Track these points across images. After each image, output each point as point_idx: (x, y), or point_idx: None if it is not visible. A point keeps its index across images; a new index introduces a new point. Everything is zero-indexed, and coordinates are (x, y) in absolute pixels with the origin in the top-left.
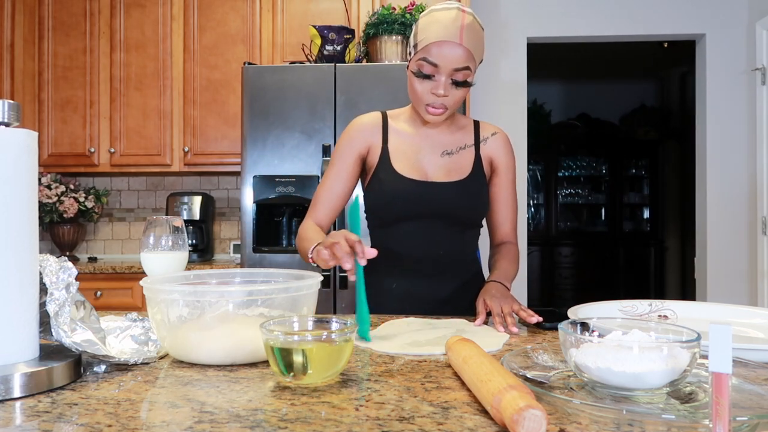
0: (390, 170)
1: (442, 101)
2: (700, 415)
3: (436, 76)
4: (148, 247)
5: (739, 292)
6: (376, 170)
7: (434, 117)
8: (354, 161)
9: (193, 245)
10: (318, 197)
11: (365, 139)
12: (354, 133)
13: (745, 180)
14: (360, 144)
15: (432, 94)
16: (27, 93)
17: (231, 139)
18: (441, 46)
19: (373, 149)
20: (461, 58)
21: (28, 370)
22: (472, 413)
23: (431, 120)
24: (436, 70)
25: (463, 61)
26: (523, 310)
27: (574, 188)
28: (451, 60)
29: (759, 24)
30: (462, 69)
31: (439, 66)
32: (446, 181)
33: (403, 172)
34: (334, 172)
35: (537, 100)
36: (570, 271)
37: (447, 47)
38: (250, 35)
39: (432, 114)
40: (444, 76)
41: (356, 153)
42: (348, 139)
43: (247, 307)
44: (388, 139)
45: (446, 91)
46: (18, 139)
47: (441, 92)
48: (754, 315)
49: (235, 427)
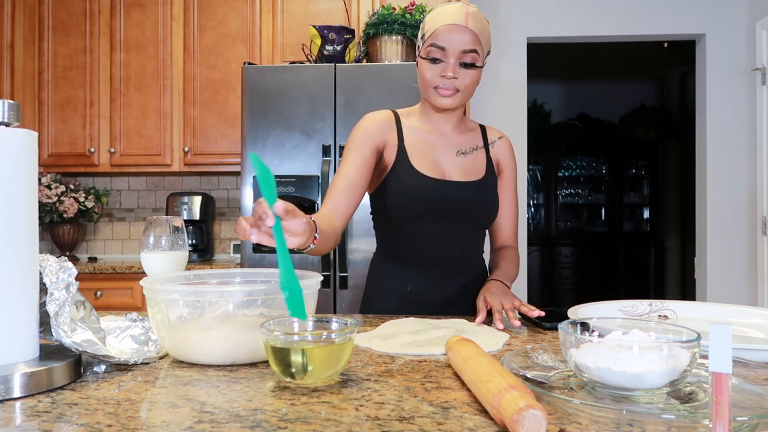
0: (409, 168)
1: (452, 83)
2: (700, 415)
3: (444, 59)
4: (148, 247)
5: (739, 292)
6: (394, 168)
7: (445, 100)
8: (372, 152)
9: (193, 245)
10: (334, 186)
11: (382, 133)
12: (371, 126)
13: (745, 180)
14: (377, 138)
15: (441, 76)
16: (27, 93)
17: (231, 139)
18: (448, 30)
19: (390, 146)
20: (468, 40)
21: (28, 370)
22: (472, 413)
23: (442, 103)
24: (444, 54)
25: (470, 43)
26: (524, 306)
27: (574, 188)
28: (457, 42)
29: (759, 24)
30: (469, 51)
31: (447, 49)
32: (465, 180)
33: (423, 170)
34: (351, 160)
35: (537, 100)
36: (570, 271)
37: (454, 30)
38: (250, 35)
39: (443, 95)
40: (452, 58)
41: (374, 145)
42: (365, 132)
43: (247, 307)
44: (403, 137)
45: (455, 73)
46: (18, 139)
47: (450, 74)
48: (754, 315)
49: (235, 427)
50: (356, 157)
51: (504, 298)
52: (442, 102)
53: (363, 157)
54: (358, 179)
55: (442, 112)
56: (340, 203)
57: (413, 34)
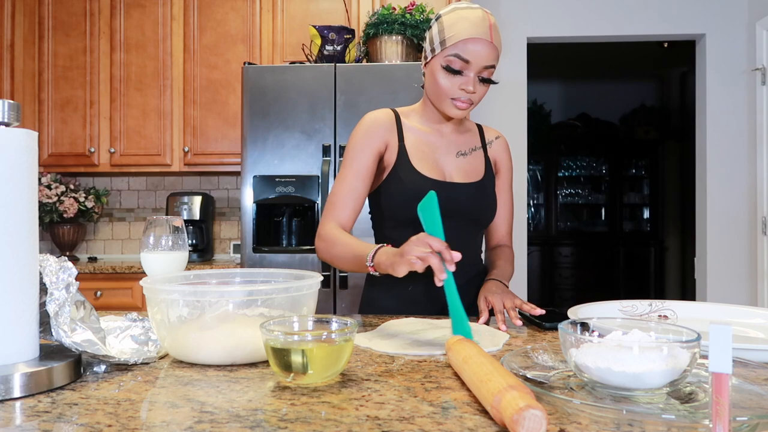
0: (410, 169)
1: (470, 96)
2: (700, 415)
3: (465, 72)
4: (148, 247)
5: (739, 292)
6: (395, 168)
7: (460, 111)
8: (373, 158)
9: (193, 245)
10: (338, 196)
11: (383, 135)
12: (371, 128)
13: (745, 180)
14: (378, 141)
15: (461, 89)
16: (27, 93)
17: (231, 139)
18: (475, 43)
19: (391, 146)
20: (491, 56)
21: (28, 370)
22: (472, 413)
23: (455, 114)
24: (467, 67)
25: (492, 59)
26: (525, 304)
27: (574, 188)
28: (482, 57)
29: (759, 24)
30: (490, 67)
31: (471, 62)
32: (465, 182)
33: (424, 171)
34: (354, 169)
35: (537, 100)
36: (570, 271)
37: (480, 44)
38: (250, 35)
39: (459, 108)
40: (473, 72)
41: (375, 150)
42: (366, 135)
43: (247, 307)
44: (404, 137)
45: (474, 88)
46: (18, 139)
47: (470, 88)
48: (754, 315)
49: (235, 427)
50: (358, 164)
51: (505, 298)
52: (456, 114)
53: (365, 164)
54: (360, 187)
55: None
56: (347, 217)
57: (413, 34)
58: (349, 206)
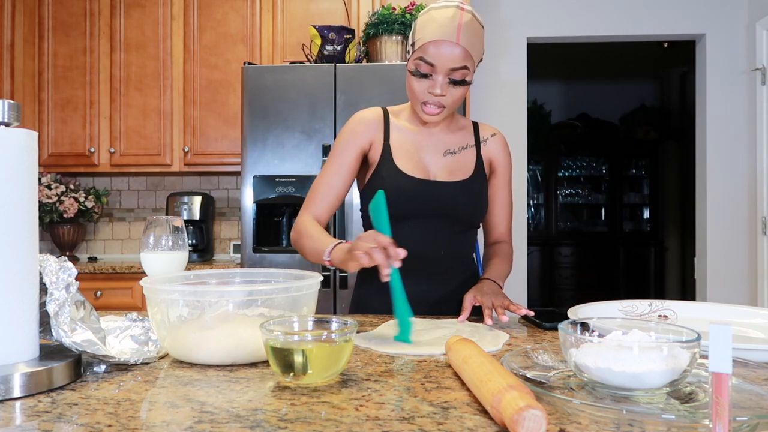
0: (392, 167)
1: (439, 100)
2: (700, 415)
3: (432, 75)
4: (148, 247)
5: (739, 292)
6: (378, 167)
7: (431, 117)
8: (356, 156)
9: (193, 245)
10: (317, 191)
11: (368, 133)
12: (357, 126)
13: (745, 180)
14: (363, 138)
15: (429, 93)
16: (27, 93)
17: (231, 139)
18: (438, 45)
19: (375, 145)
20: (458, 57)
21: (28, 370)
22: (472, 413)
23: (428, 120)
24: (433, 70)
25: (460, 60)
26: (513, 305)
27: (574, 188)
28: (447, 59)
29: (759, 24)
30: (459, 68)
31: (436, 65)
32: (449, 180)
33: (406, 170)
34: (335, 165)
35: (537, 100)
36: (570, 271)
37: (444, 46)
38: (250, 35)
39: (428, 113)
40: (441, 75)
41: (359, 147)
42: (351, 132)
43: (247, 307)
44: (389, 136)
45: (443, 91)
46: (18, 139)
47: (438, 91)
48: (754, 315)
49: (235, 427)
50: (340, 161)
51: (495, 298)
52: (428, 119)
53: (347, 161)
54: (339, 183)
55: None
56: (323, 211)
57: None
58: (326, 201)
